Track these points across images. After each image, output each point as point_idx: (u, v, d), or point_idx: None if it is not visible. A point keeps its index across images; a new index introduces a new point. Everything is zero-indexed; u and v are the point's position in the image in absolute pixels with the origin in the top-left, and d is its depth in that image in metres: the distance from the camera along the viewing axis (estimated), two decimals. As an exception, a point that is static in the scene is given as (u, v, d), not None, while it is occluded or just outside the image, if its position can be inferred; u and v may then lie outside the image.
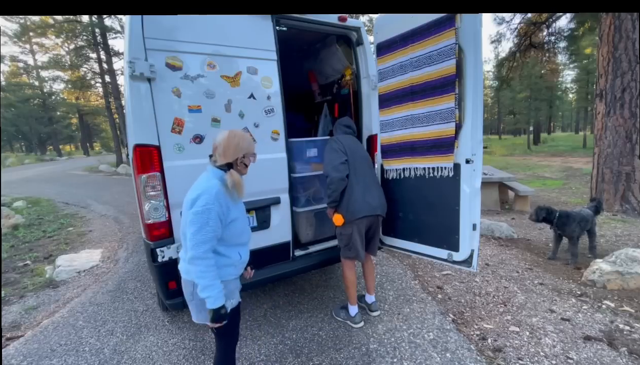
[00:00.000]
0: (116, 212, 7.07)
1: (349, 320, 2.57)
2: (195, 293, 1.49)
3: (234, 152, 1.52)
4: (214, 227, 1.41)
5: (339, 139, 2.50)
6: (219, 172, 1.51)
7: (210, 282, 1.40)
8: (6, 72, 26.74)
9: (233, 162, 1.53)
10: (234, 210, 1.53)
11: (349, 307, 2.58)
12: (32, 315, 2.98)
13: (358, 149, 2.57)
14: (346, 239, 2.44)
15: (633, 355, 2.11)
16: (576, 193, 7.49)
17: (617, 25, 5.27)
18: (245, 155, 1.56)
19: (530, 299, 2.87)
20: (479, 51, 2.02)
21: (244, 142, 1.55)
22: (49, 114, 29.52)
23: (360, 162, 2.48)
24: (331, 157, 2.39)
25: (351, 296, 2.55)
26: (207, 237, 1.39)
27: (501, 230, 4.69)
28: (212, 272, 1.41)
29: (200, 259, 1.38)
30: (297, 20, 2.51)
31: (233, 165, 1.54)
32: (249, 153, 1.57)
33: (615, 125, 5.48)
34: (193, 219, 1.40)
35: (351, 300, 2.56)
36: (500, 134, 43.85)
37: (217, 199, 1.42)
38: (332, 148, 2.43)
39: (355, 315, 2.55)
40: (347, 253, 2.49)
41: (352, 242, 2.42)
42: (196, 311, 1.57)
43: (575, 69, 27.93)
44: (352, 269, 2.54)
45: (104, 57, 15.68)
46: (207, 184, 1.46)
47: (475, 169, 2.13)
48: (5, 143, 30.85)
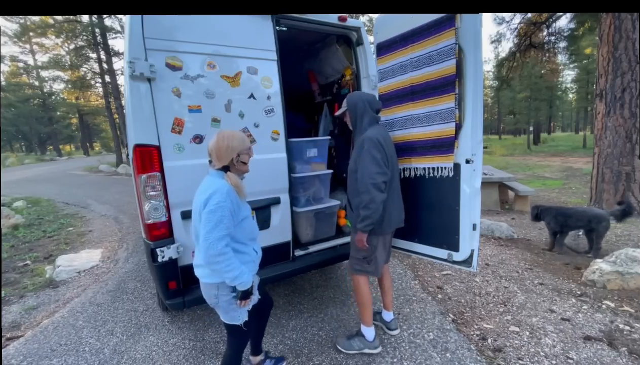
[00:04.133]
0: (116, 212, 7.08)
1: (367, 347, 2.17)
2: (219, 295, 1.53)
3: (227, 154, 1.52)
4: (228, 224, 1.44)
5: (377, 138, 1.99)
6: (221, 173, 1.54)
7: (237, 271, 1.45)
8: (6, 72, 26.79)
9: (229, 164, 1.54)
10: (243, 208, 1.58)
11: (365, 331, 2.20)
12: (32, 315, 2.98)
13: (392, 145, 2.15)
14: (369, 252, 2.09)
15: (633, 355, 2.11)
16: (576, 193, 7.49)
17: (617, 25, 5.27)
18: (240, 153, 1.55)
19: (530, 299, 2.87)
20: (479, 51, 2.02)
21: (234, 142, 1.53)
22: (49, 114, 29.53)
23: (395, 164, 2.14)
24: (372, 169, 1.93)
25: (368, 316, 2.20)
26: (222, 233, 1.41)
27: (501, 230, 4.69)
28: (235, 261, 1.45)
29: (221, 255, 1.40)
30: (297, 20, 2.51)
31: (230, 167, 1.55)
32: (242, 151, 1.56)
33: (615, 125, 5.47)
34: (207, 217, 1.41)
35: (367, 320, 2.20)
36: (500, 134, 43.85)
37: (229, 196, 1.45)
38: (373, 156, 1.94)
39: (374, 339, 2.19)
40: (365, 267, 2.14)
41: (375, 256, 2.12)
42: (223, 312, 1.61)
43: (575, 69, 27.92)
44: (367, 284, 2.20)
45: (104, 57, 15.69)
46: (216, 184, 1.48)
47: (475, 169, 2.13)
48: (5, 143, 30.85)
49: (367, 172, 1.93)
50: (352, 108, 2.16)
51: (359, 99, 2.15)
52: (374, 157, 1.94)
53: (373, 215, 1.93)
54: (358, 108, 2.14)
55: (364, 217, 1.94)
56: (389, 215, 2.08)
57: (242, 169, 1.60)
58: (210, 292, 1.56)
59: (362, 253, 2.13)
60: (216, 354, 2.27)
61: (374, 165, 1.93)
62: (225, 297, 1.54)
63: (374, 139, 1.98)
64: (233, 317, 1.59)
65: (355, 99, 2.17)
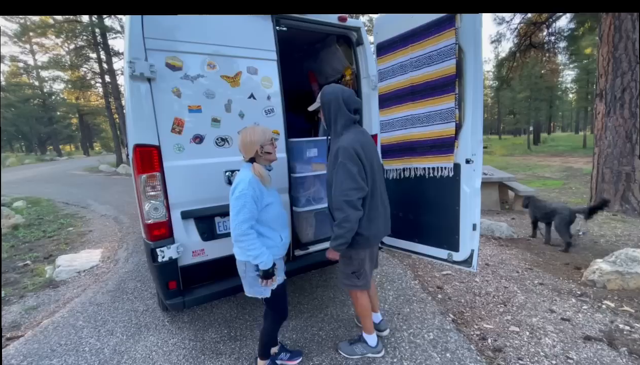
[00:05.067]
0: (116, 212, 7.07)
1: (370, 352, 2.17)
2: (246, 271, 1.78)
3: (251, 148, 1.76)
4: (251, 209, 1.67)
5: (354, 146, 1.78)
6: (249, 164, 1.78)
7: (258, 251, 1.68)
8: (6, 72, 26.79)
9: (255, 156, 1.78)
10: (268, 195, 1.79)
11: (366, 337, 2.19)
12: (32, 315, 2.98)
13: (372, 151, 1.93)
14: (357, 265, 2.00)
15: (633, 355, 2.11)
16: (576, 193, 7.49)
17: (617, 25, 5.27)
18: (263, 145, 1.77)
19: (530, 299, 2.87)
20: (479, 51, 2.02)
21: (256, 136, 1.76)
22: (49, 114, 29.54)
23: (378, 170, 1.95)
24: (346, 184, 1.76)
25: (370, 325, 2.19)
26: (245, 216, 1.65)
27: (501, 230, 4.69)
28: (257, 242, 1.68)
29: (244, 235, 1.66)
30: (297, 20, 2.51)
31: (257, 158, 1.79)
32: (265, 142, 1.78)
33: (615, 125, 5.48)
34: (233, 203, 1.68)
35: (370, 329, 2.19)
36: (500, 134, 43.85)
37: (251, 185, 1.68)
38: (347, 170, 1.75)
39: (377, 344, 2.18)
40: (355, 282, 2.04)
41: (364, 269, 2.02)
42: (248, 286, 1.84)
43: (575, 69, 27.95)
44: (365, 294, 2.12)
45: (104, 57, 15.69)
46: (242, 175, 1.74)
47: (475, 169, 2.13)
48: (5, 143, 30.86)
49: (341, 189, 1.76)
50: (325, 106, 1.91)
51: (333, 97, 1.88)
52: (348, 171, 1.75)
53: (346, 234, 1.79)
54: (332, 107, 1.88)
55: (337, 235, 1.81)
56: (376, 228, 1.93)
57: (269, 158, 1.84)
58: (240, 268, 1.82)
59: (351, 268, 2.01)
60: (216, 354, 2.28)
61: (349, 180, 1.75)
62: (251, 274, 1.77)
63: (350, 149, 1.76)
64: (256, 291, 1.82)
65: (329, 96, 1.89)
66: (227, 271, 2.32)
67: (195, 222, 2.20)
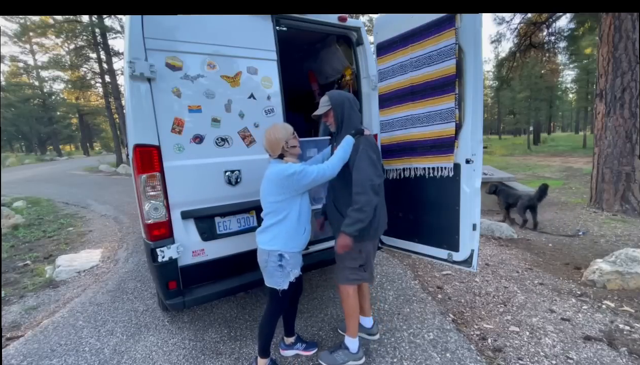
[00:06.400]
0: (116, 212, 7.08)
1: (351, 360, 2.08)
2: (268, 261, 1.84)
3: (277, 145, 1.85)
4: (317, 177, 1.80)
5: (369, 137, 1.98)
6: (279, 160, 1.88)
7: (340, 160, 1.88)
8: (6, 72, 26.79)
9: (283, 152, 1.87)
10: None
11: (349, 342, 2.10)
12: (32, 315, 2.98)
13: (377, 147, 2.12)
14: (365, 258, 2.03)
15: (633, 355, 2.11)
16: (576, 193, 7.49)
17: (617, 25, 5.27)
18: (287, 140, 1.86)
19: (530, 299, 2.87)
20: (479, 51, 2.02)
21: (279, 133, 1.85)
22: (49, 114, 29.54)
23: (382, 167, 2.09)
24: (370, 170, 1.84)
25: (354, 327, 2.10)
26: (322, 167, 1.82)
27: (501, 230, 4.69)
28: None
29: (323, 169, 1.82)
30: (297, 20, 2.51)
31: (284, 154, 1.88)
32: (288, 138, 1.87)
33: (615, 125, 5.48)
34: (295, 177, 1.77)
35: (354, 332, 2.10)
36: (500, 134, 43.85)
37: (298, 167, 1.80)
38: (370, 157, 1.87)
39: (358, 350, 2.10)
40: (362, 275, 2.06)
41: (370, 261, 2.08)
42: (268, 276, 1.89)
43: (575, 69, 27.95)
44: (356, 294, 2.11)
45: (104, 57, 15.70)
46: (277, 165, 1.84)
47: (475, 169, 2.13)
48: (5, 143, 30.86)
49: (366, 174, 1.83)
50: (337, 107, 1.99)
51: (344, 97, 2.00)
52: (370, 158, 1.86)
53: (366, 219, 1.83)
54: (345, 107, 1.98)
55: (357, 220, 1.81)
56: (383, 220, 2.06)
57: (295, 152, 1.92)
58: (262, 257, 1.87)
59: (359, 261, 2.02)
60: (216, 354, 2.27)
61: (372, 166, 1.85)
62: (273, 264, 1.83)
63: (370, 138, 1.98)
64: (275, 282, 1.86)
65: (341, 97, 2.00)
66: (227, 271, 2.33)
67: (195, 222, 2.20)
